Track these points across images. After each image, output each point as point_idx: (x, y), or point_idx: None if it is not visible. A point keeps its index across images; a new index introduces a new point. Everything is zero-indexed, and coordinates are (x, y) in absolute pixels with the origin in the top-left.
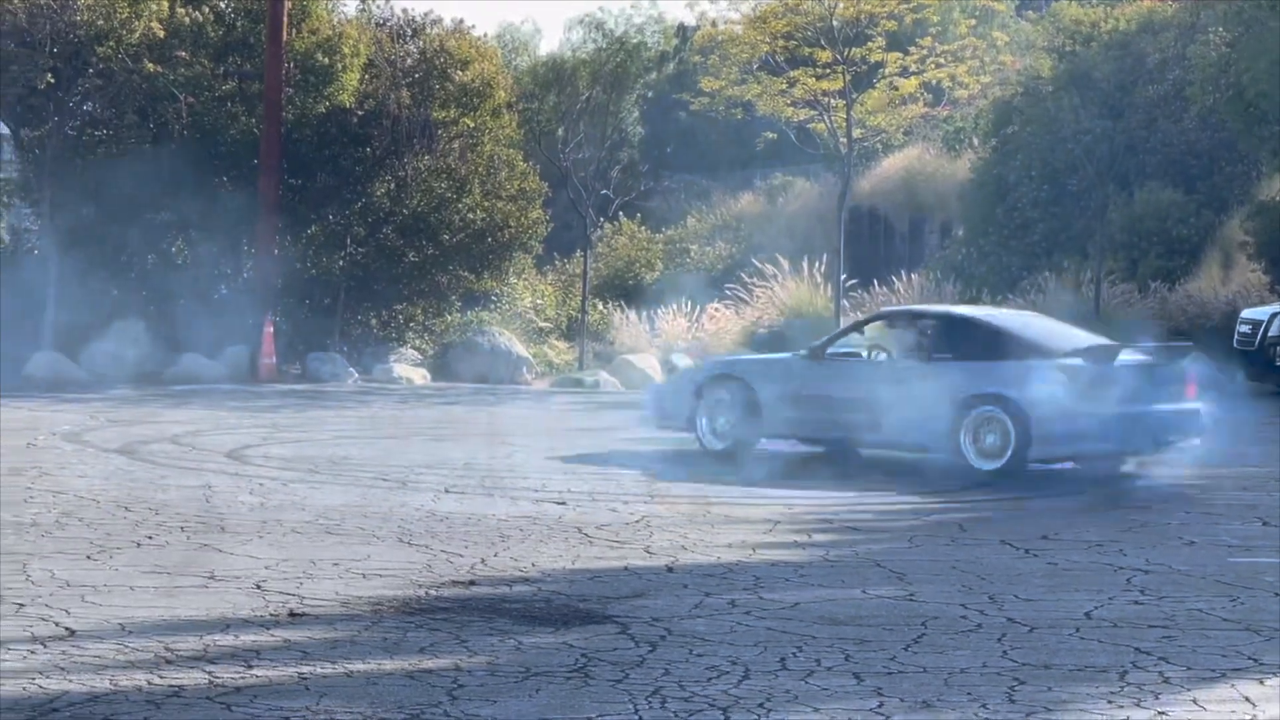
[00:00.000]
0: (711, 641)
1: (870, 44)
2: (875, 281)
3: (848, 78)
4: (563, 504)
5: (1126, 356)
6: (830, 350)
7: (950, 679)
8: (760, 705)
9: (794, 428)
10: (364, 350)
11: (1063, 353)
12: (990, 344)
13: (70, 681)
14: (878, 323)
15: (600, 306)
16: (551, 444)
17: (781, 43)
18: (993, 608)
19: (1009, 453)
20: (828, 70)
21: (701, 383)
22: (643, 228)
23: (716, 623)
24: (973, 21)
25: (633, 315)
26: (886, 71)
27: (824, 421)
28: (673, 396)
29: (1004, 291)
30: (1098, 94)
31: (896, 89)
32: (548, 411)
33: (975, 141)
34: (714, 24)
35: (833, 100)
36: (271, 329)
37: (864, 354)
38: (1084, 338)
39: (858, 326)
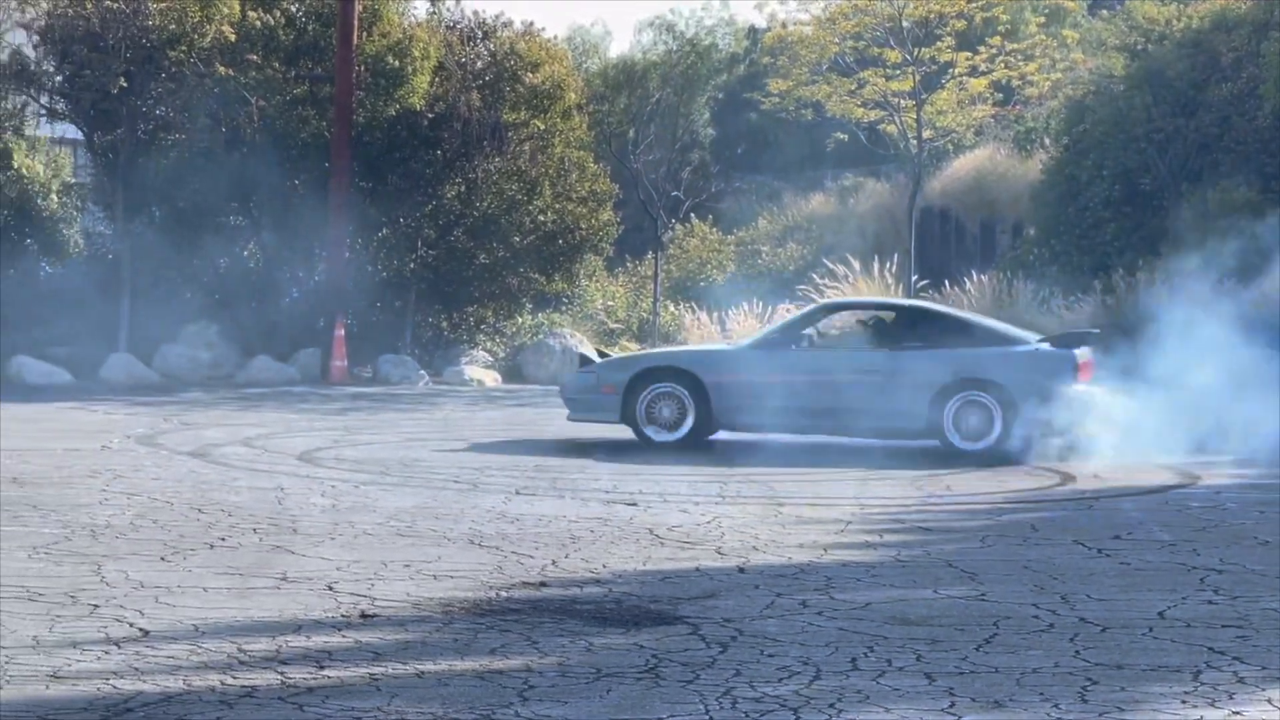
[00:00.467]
0: (783, 642)
1: (940, 44)
2: (946, 282)
3: (917, 78)
4: (634, 505)
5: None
6: (781, 340)
7: (1022, 679)
8: (831, 705)
9: (746, 417)
10: (435, 353)
11: (1029, 340)
12: (962, 332)
13: (144, 682)
14: (833, 314)
15: (671, 308)
16: (622, 446)
17: (851, 43)
18: (1065, 608)
19: (995, 434)
20: (897, 70)
21: (641, 375)
22: (714, 229)
23: (788, 623)
24: (1042, 19)
25: (704, 316)
26: (956, 71)
27: (787, 410)
28: (597, 388)
29: (1076, 291)
30: (1170, 92)
31: (966, 89)
32: None
33: (1046, 141)
34: (784, 25)
35: (902, 101)
36: (343, 332)
37: (812, 342)
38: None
39: (809, 318)
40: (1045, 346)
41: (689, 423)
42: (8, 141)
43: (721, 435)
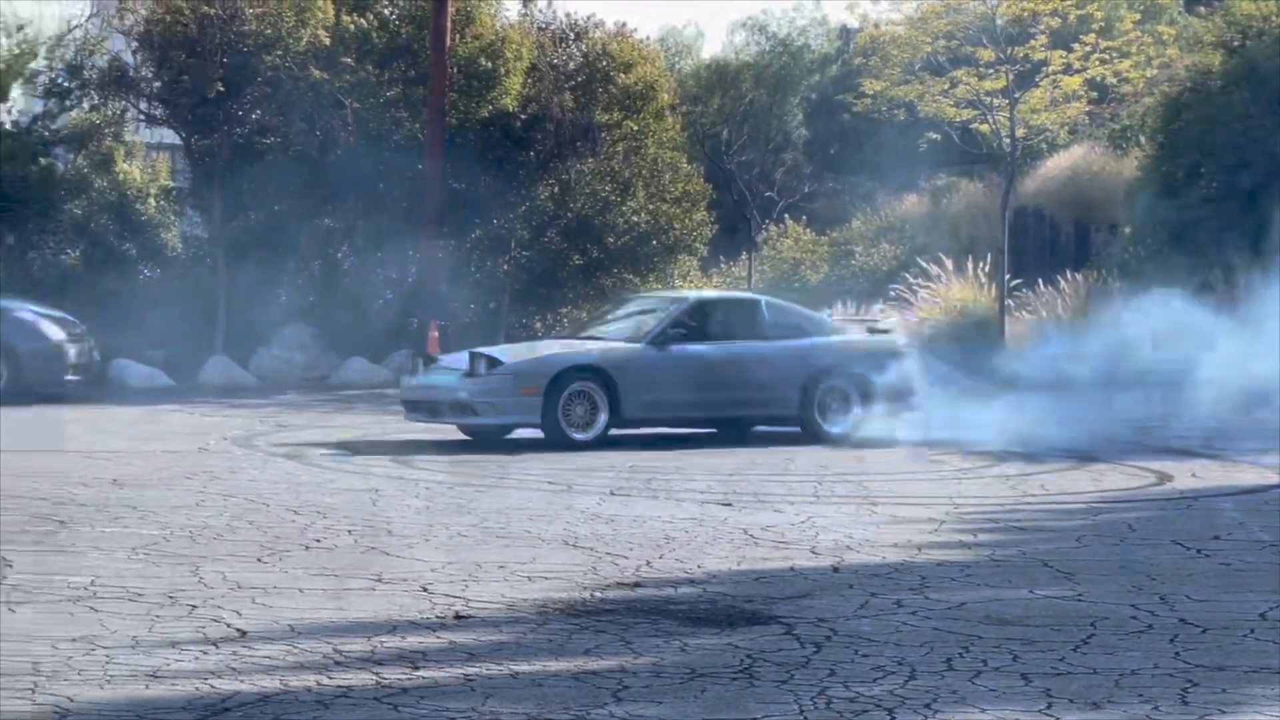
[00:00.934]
0: (877, 642)
1: (1033, 41)
2: (1040, 281)
3: (1011, 76)
4: (728, 505)
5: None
6: (669, 337)
7: (1121, 680)
8: (926, 706)
9: (649, 412)
10: None
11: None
12: (812, 325)
13: (242, 682)
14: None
15: None
16: (715, 445)
17: (944, 43)
18: (1164, 608)
19: (851, 417)
20: (990, 69)
21: (561, 374)
22: (807, 230)
23: (882, 623)
24: (1138, 16)
25: None
26: (1050, 69)
27: (684, 403)
28: (514, 390)
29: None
30: (1269, 89)
31: (1060, 87)
32: None
33: (1142, 139)
34: (876, 25)
35: (995, 100)
36: (437, 333)
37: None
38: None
39: (683, 314)
40: (885, 336)
41: (602, 420)
42: (108, 147)
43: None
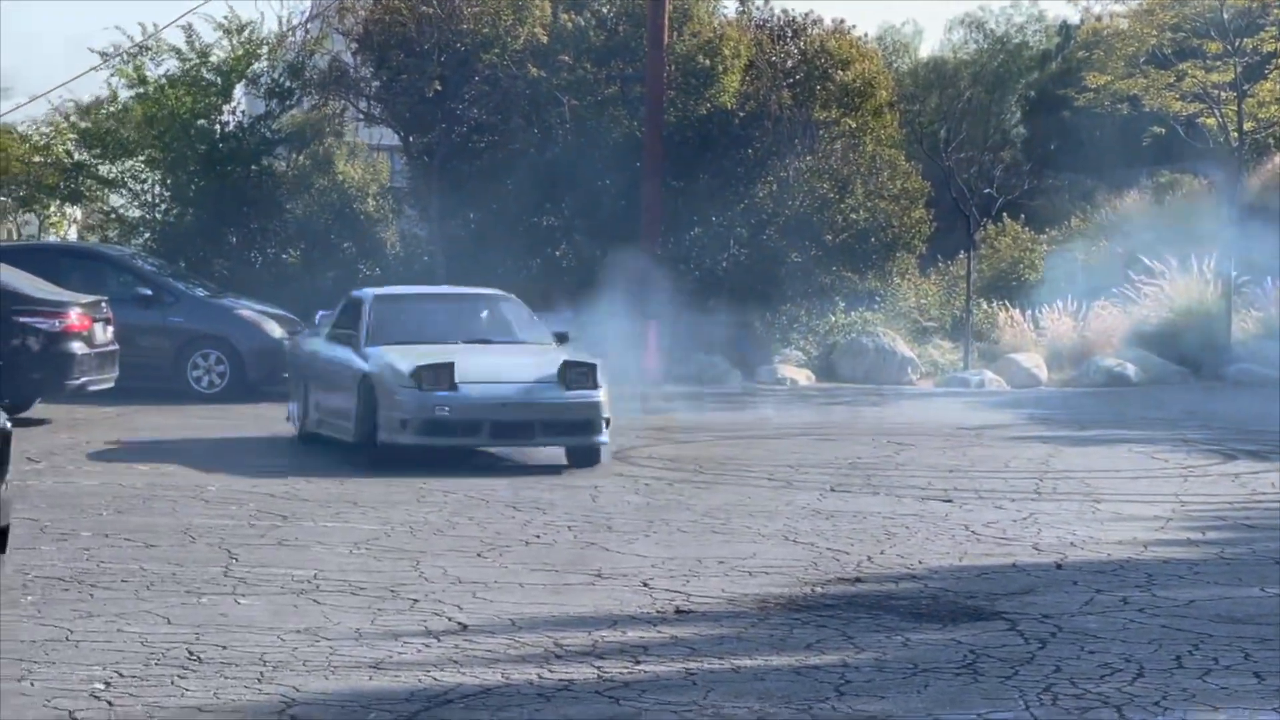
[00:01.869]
0: (1103, 639)
1: (1263, 33)
2: (1269, 278)
3: (1239, 69)
4: (949, 501)
5: None
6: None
7: None
8: (1156, 704)
9: None
10: (748, 352)
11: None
12: None
13: (463, 674)
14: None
15: (985, 305)
16: (940, 442)
17: (1169, 35)
18: None
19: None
20: (1218, 62)
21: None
22: (1026, 228)
23: (1108, 620)
24: None
25: (1016, 314)
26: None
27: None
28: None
29: None
30: None
31: None
32: (933, 410)
33: None
34: (1098, 19)
35: (1222, 93)
36: (655, 332)
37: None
38: None
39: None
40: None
41: None
42: (329, 146)
43: None
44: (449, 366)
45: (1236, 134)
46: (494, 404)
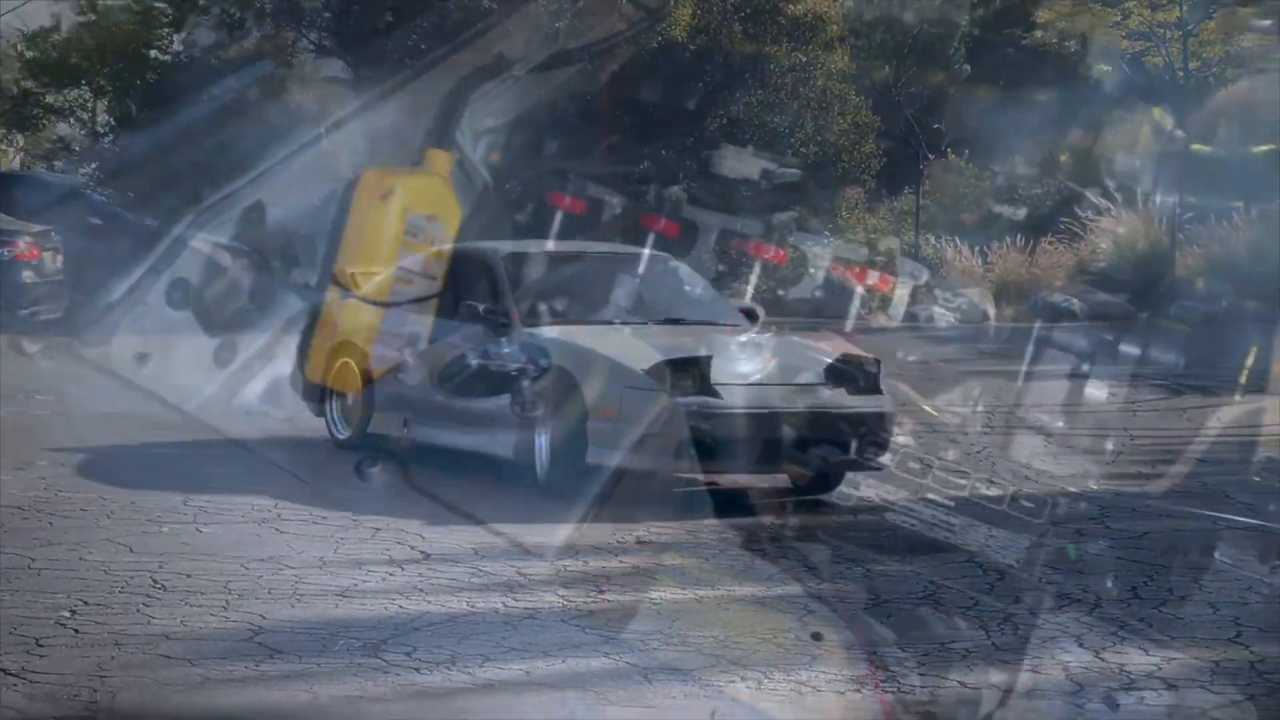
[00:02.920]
0: (1060, 570)
1: None
2: (1212, 215)
3: (1184, 8)
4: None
5: None
6: None
7: None
8: (1113, 634)
9: None
10: None
11: None
12: None
13: (429, 602)
14: None
15: (932, 241)
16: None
17: None
18: None
19: None
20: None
21: None
22: (970, 164)
23: (1064, 552)
24: None
25: (965, 250)
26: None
27: None
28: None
29: None
30: None
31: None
32: (883, 346)
33: None
34: None
35: (1168, 31)
36: None
37: None
38: None
39: None
40: None
41: None
42: (281, 77)
43: None
44: (703, 363)
45: (1181, 72)
46: (766, 416)
